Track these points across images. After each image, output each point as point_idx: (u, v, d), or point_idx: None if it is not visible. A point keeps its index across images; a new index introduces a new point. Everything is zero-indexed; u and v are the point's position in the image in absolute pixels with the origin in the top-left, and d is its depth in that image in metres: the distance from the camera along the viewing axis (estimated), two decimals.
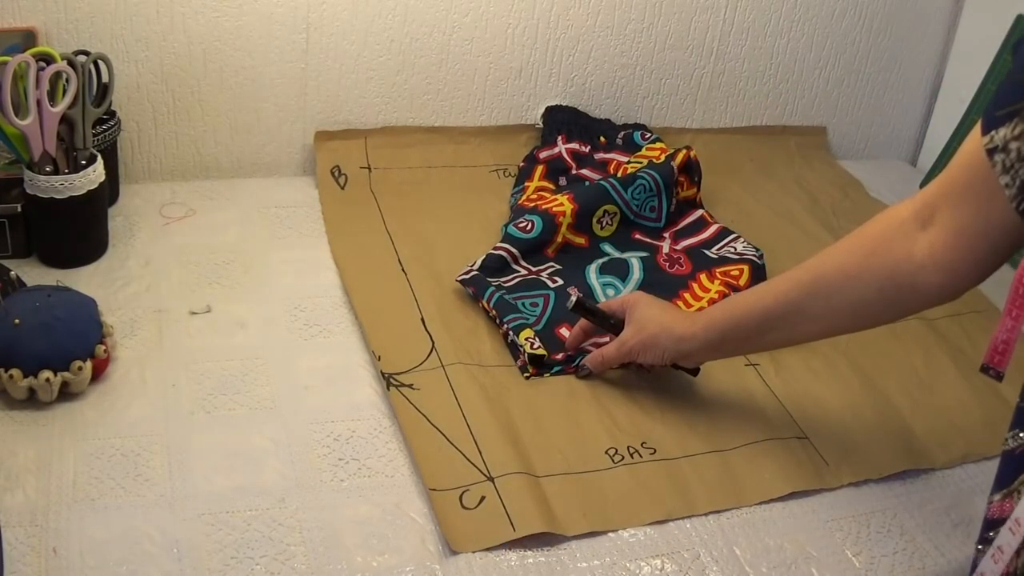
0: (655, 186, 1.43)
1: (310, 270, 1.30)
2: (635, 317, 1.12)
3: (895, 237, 0.94)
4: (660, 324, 1.10)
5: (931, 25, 1.77)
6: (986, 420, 1.18)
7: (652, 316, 1.11)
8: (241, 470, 0.99)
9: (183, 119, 1.42)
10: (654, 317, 1.11)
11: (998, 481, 0.81)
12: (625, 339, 1.12)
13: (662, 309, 1.13)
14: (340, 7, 1.42)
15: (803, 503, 1.05)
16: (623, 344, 1.12)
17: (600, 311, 1.16)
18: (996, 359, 0.84)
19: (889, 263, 0.94)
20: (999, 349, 0.83)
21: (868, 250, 0.96)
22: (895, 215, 0.96)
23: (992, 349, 0.83)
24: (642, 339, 1.10)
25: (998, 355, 0.83)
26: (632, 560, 0.96)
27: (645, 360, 1.13)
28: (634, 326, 1.12)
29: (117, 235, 1.31)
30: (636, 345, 1.11)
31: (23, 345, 1.01)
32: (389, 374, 1.13)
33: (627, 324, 1.13)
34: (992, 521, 0.81)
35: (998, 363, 0.84)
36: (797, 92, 1.75)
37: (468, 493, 0.99)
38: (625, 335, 1.12)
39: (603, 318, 1.15)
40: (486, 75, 1.54)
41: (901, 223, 0.94)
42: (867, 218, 0.99)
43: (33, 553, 0.88)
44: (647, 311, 1.12)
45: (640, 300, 1.14)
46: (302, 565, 0.90)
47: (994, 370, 0.84)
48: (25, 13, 1.29)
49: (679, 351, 1.10)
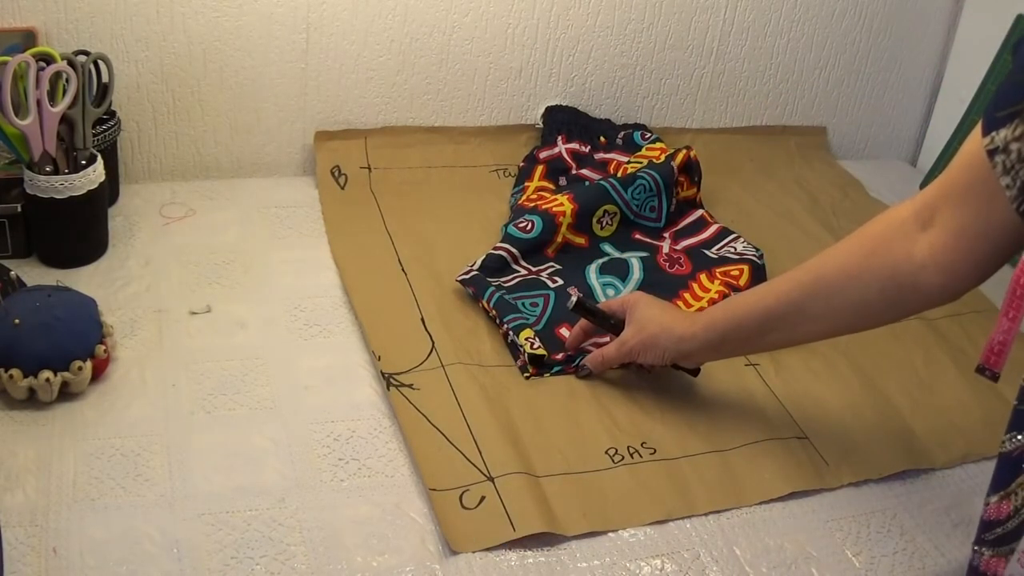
0: (655, 186, 1.43)
1: (310, 270, 1.30)
2: (635, 317, 1.12)
3: (895, 237, 0.94)
4: (660, 324, 1.10)
5: (931, 25, 1.77)
6: (986, 420, 1.18)
7: (652, 316, 1.11)
8: (241, 470, 0.99)
9: (183, 119, 1.42)
10: (654, 317, 1.11)
11: (995, 483, 0.81)
12: (625, 339, 1.12)
13: (662, 309, 1.12)
14: (340, 7, 1.42)
15: (803, 503, 1.05)
16: (623, 344, 1.12)
17: (600, 311, 1.16)
18: (992, 360, 0.84)
19: (890, 263, 0.94)
20: (995, 350, 0.83)
21: (868, 250, 0.96)
22: (895, 215, 0.96)
23: (988, 350, 0.83)
24: (642, 339, 1.10)
25: (994, 356, 0.83)
26: (632, 560, 0.96)
27: (645, 360, 1.13)
28: (634, 326, 1.12)
29: (117, 235, 1.31)
30: (636, 345, 1.11)
31: (23, 345, 1.01)
32: (389, 374, 1.13)
33: (627, 324, 1.13)
34: (989, 522, 0.81)
35: (994, 364, 0.84)
36: (797, 92, 1.75)
37: (468, 493, 0.99)
38: (625, 335, 1.12)
39: (603, 318, 1.15)
40: (486, 75, 1.54)
41: (902, 223, 0.94)
42: (867, 218, 0.99)
43: (33, 553, 0.88)
44: (647, 311, 1.12)
45: (640, 300, 1.13)
46: (302, 565, 0.90)
47: (990, 371, 0.84)
48: (25, 13, 1.29)
49: (679, 351, 1.10)
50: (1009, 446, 0.80)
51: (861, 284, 0.96)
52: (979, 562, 0.82)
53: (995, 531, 0.81)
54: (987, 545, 0.82)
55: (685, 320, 1.10)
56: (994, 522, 0.81)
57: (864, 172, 1.74)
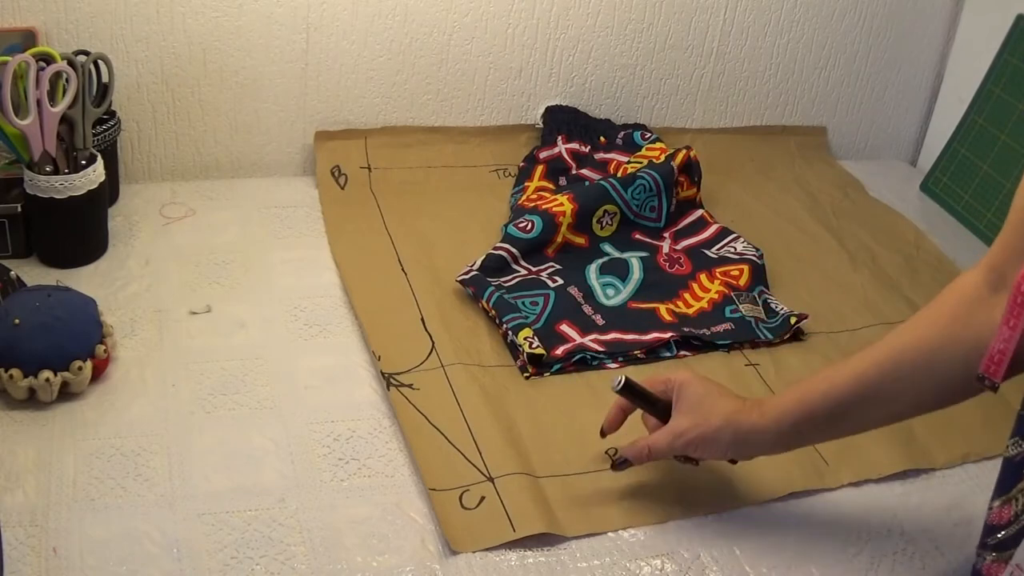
0: (655, 186, 1.43)
1: (310, 270, 1.30)
2: (690, 404, 0.98)
3: (972, 305, 0.88)
4: (723, 415, 0.96)
5: (931, 25, 1.76)
6: (986, 420, 1.18)
7: (713, 406, 0.97)
8: (241, 470, 0.99)
9: (183, 119, 1.42)
10: (715, 407, 0.97)
11: (998, 487, 0.81)
12: (681, 431, 0.97)
13: (720, 395, 0.98)
14: (340, 7, 1.42)
15: (803, 503, 1.05)
16: (678, 436, 0.97)
17: (650, 394, 1.01)
18: (992, 369, 0.81)
19: (972, 332, 0.87)
20: (995, 359, 0.81)
21: (947, 321, 0.89)
22: (965, 284, 0.90)
23: (988, 359, 0.81)
24: (702, 432, 0.96)
25: (994, 365, 0.81)
26: (632, 560, 0.96)
27: (700, 455, 0.99)
28: (691, 416, 0.97)
29: (117, 235, 1.31)
30: (696, 439, 0.96)
31: (23, 345, 1.01)
32: (389, 374, 1.13)
33: (677, 410, 0.99)
34: (992, 527, 0.81)
35: (994, 373, 0.81)
36: (797, 92, 1.75)
37: (468, 493, 0.99)
38: (680, 425, 0.97)
39: (651, 402, 1.01)
40: (486, 75, 1.54)
41: (975, 290, 0.89)
42: (867, 218, 0.99)
43: (33, 553, 0.88)
44: (706, 399, 0.98)
45: (691, 383, 0.99)
46: (302, 565, 0.90)
47: (989, 380, 0.82)
48: (25, 13, 1.29)
49: (745, 446, 0.97)
50: (1013, 451, 0.80)
51: (944, 358, 0.89)
52: (981, 566, 0.82)
53: (997, 536, 0.81)
54: (989, 549, 0.82)
55: (751, 412, 0.96)
56: (996, 526, 0.81)
57: (864, 172, 1.74)
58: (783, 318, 1.29)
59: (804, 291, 1.39)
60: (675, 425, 0.98)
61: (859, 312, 1.36)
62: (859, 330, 1.32)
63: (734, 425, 0.95)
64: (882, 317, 1.35)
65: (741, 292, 1.34)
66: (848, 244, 1.50)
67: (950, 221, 1.63)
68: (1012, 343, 0.80)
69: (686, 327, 1.26)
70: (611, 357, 1.21)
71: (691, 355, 1.24)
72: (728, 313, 1.30)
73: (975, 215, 1.60)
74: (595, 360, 1.20)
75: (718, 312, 1.30)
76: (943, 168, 1.68)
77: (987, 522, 0.82)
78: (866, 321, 1.34)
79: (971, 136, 1.63)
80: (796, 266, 1.44)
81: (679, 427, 0.97)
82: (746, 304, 1.31)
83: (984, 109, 1.61)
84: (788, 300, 1.35)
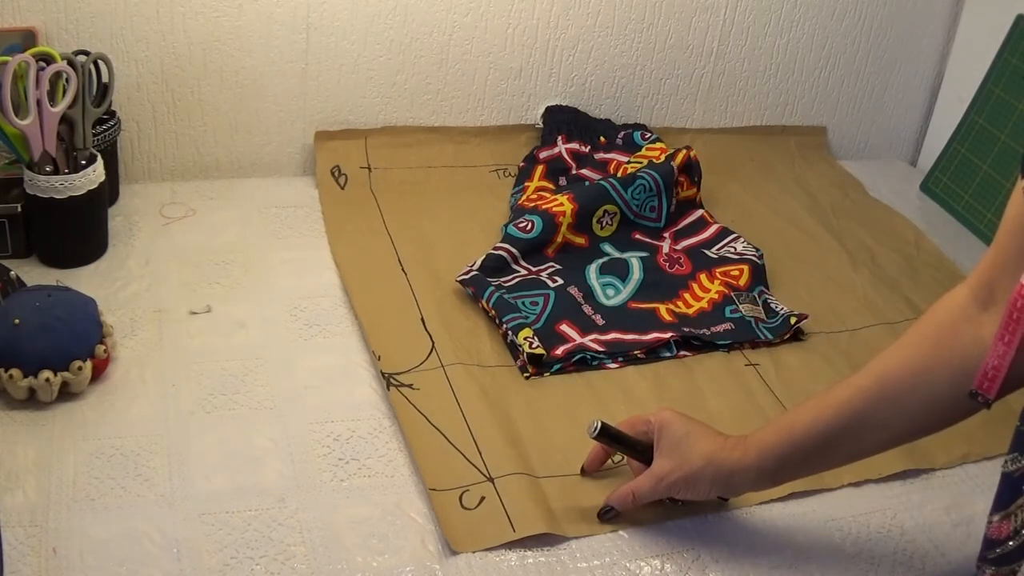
0: (655, 186, 1.43)
1: (310, 270, 1.30)
2: (671, 445, 0.96)
3: (959, 323, 0.87)
4: (704, 455, 0.94)
5: (931, 25, 1.77)
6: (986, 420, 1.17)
7: (693, 446, 0.95)
8: (241, 470, 0.99)
9: (183, 119, 1.42)
10: (696, 447, 0.95)
11: (997, 502, 0.81)
12: (663, 474, 0.96)
13: (702, 435, 0.96)
14: (340, 7, 1.42)
15: (803, 503, 1.05)
16: (660, 480, 0.96)
17: (627, 438, 1.00)
18: (986, 385, 0.80)
19: (959, 352, 0.86)
20: (989, 375, 0.79)
21: (933, 342, 0.88)
22: (952, 302, 0.89)
23: (982, 375, 0.80)
24: (685, 474, 0.95)
25: (988, 381, 0.80)
26: (632, 560, 0.96)
27: (686, 497, 0.97)
28: (672, 458, 0.96)
29: (117, 235, 1.31)
30: (678, 481, 0.95)
31: (23, 345, 1.01)
32: (389, 374, 1.13)
33: (659, 453, 0.97)
34: (992, 541, 0.81)
35: (987, 389, 0.80)
36: (797, 92, 1.75)
37: (468, 493, 0.99)
38: (662, 468, 0.96)
39: (630, 445, 1.00)
40: (486, 75, 1.54)
41: (962, 308, 0.88)
42: (867, 218, 0.99)
43: (33, 553, 0.88)
44: (686, 440, 0.96)
45: (671, 423, 0.97)
46: (302, 565, 0.90)
47: (983, 396, 0.81)
48: (25, 13, 1.29)
49: (729, 485, 0.96)
50: (1011, 467, 0.79)
51: (931, 379, 0.87)
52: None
53: (996, 550, 0.80)
54: (989, 563, 0.81)
55: (733, 449, 0.94)
56: (995, 541, 0.80)
57: (864, 172, 1.74)
58: (783, 318, 1.29)
59: (804, 291, 1.39)
60: (657, 468, 0.96)
61: (859, 312, 1.36)
62: (859, 330, 1.32)
63: (716, 464, 0.94)
64: (882, 317, 1.35)
65: (741, 292, 1.34)
66: (848, 244, 1.50)
67: (950, 221, 1.63)
68: (1007, 359, 0.78)
69: (686, 327, 1.26)
70: (611, 357, 1.21)
71: (691, 355, 1.24)
72: (728, 313, 1.30)
73: (975, 215, 1.60)
74: (595, 360, 1.20)
75: (718, 312, 1.30)
76: (943, 168, 1.68)
77: (986, 536, 0.81)
78: (866, 321, 1.34)
79: (971, 136, 1.63)
80: (796, 266, 1.44)
81: (661, 470, 0.96)
82: (746, 304, 1.32)
83: (984, 109, 1.61)
84: (788, 300, 1.35)
